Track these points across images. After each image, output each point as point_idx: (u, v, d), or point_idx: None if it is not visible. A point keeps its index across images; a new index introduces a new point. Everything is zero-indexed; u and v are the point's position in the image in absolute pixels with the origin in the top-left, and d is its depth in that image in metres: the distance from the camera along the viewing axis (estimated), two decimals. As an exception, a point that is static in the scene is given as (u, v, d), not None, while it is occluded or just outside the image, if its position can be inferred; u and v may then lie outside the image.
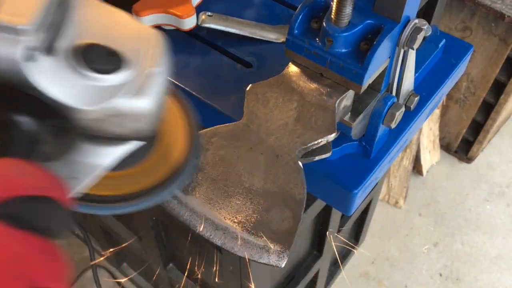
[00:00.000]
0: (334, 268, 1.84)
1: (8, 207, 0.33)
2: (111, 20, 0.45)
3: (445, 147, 2.32)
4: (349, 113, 0.70)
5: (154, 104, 0.44)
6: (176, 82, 0.81)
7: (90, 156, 0.45)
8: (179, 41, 0.88)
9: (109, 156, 0.47)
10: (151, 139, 0.50)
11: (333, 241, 1.44)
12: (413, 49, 0.65)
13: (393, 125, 0.70)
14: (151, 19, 0.85)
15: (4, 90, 0.38)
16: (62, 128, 0.41)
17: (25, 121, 0.39)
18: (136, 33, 0.45)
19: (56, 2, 0.41)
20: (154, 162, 0.54)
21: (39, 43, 0.39)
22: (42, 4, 0.39)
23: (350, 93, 0.67)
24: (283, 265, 0.57)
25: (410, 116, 0.78)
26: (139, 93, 0.43)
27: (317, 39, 0.64)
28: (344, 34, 0.61)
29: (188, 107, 0.58)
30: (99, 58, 0.42)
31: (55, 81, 0.40)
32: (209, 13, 0.87)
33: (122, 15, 0.46)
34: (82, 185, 0.46)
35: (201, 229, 0.58)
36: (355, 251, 1.94)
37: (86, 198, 0.48)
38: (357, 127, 0.70)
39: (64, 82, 0.40)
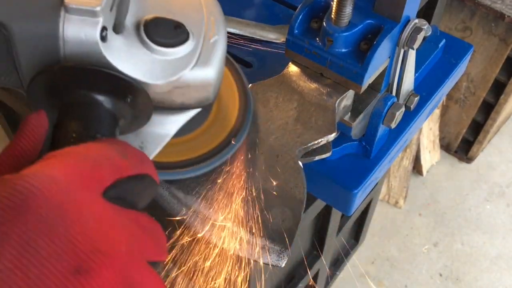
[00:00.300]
0: (334, 268, 1.84)
1: (117, 189, 0.34)
2: None
3: (445, 147, 2.32)
4: (349, 113, 0.70)
5: (218, 72, 0.45)
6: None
7: (155, 126, 0.47)
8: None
9: (173, 124, 0.48)
10: (211, 105, 0.51)
11: (333, 241, 1.44)
12: (413, 49, 0.65)
13: (393, 125, 0.70)
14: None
15: (85, 72, 0.39)
16: (137, 103, 0.42)
17: (106, 100, 0.40)
18: (196, 2, 0.46)
19: None
20: (211, 126, 0.56)
21: (110, 22, 0.40)
22: None
23: (350, 93, 0.67)
24: (283, 265, 0.57)
25: (410, 116, 0.78)
26: (204, 63, 0.44)
27: (317, 39, 0.64)
28: (344, 34, 0.61)
29: (235, 66, 0.59)
30: (165, 32, 0.42)
31: (126, 58, 0.41)
32: (209, 13, 0.87)
33: None
34: (150, 154, 0.47)
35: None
36: (355, 251, 1.94)
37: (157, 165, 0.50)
38: (357, 127, 0.70)
39: (134, 59, 0.41)
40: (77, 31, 0.38)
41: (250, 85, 0.68)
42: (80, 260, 0.28)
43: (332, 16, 0.61)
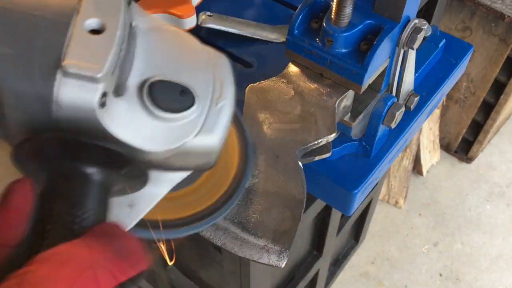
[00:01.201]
0: (334, 268, 1.84)
1: None
2: (177, 48, 0.42)
3: (445, 147, 2.32)
4: (349, 113, 0.70)
5: (222, 139, 0.42)
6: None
7: (147, 184, 0.43)
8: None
9: (167, 182, 0.44)
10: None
11: (333, 241, 1.44)
12: (413, 49, 0.65)
13: (393, 125, 0.70)
14: (151, 19, 0.85)
15: (77, 145, 0.36)
16: (133, 173, 0.39)
17: (99, 172, 0.37)
18: (204, 62, 0.42)
19: (124, 40, 0.38)
20: (208, 179, 0.53)
21: (111, 86, 0.36)
22: (114, 45, 0.36)
23: (350, 93, 0.67)
24: (283, 265, 0.57)
25: (410, 116, 0.78)
26: (209, 130, 0.40)
27: (317, 39, 0.64)
28: (344, 34, 0.61)
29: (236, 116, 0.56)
30: (170, 96, 0.39)
31: (125, 123, 0.37)
32: (209, 13, 0.87)
33: (188, 39, 0.43)
34: (140, 212, 0.44)
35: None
36: (355, 251, 1.94)
37: (146, 224, 0.46)
38: (357, 127, 0.70)
39: (134, 124, 0.38)
40: (73, 96, 0.34)
41: (250, 85, 0.68)
42: None
43: (332, 16, 0.61)
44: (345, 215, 1.48)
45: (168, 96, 0.38)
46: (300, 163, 0.63)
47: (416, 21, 0.63)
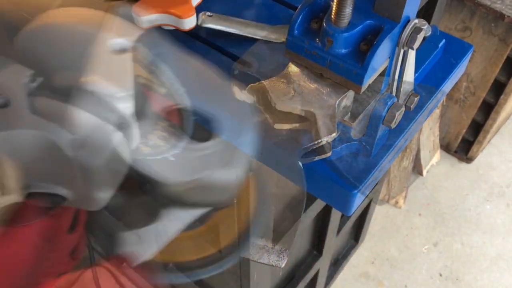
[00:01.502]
0: (334, 268, 1.84)
1: None
2: (202, 80, 0.41)
3: (445, 147, 2.32)
4: (349, 113, 0.70)
5: (242, 176, 0.41)
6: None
7: (160, 221, 0.42)
8: (179, 41, 0.88)
9: (180, 220, 0.43)
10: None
11: (333, 241, 1.44)
12: (413, 49, 0.65)
13: (393, 125, 0.70)
14: (151, 19, 0.85)
15: (91, 165, 0.34)
16: (148, 201, 0.38)
17: (111, 196, 0.36)
18: (228, 97, 0.42)
19: (146, 65, 0.37)
20: (222, 219, 0.51)
21: (131, 108, 0.35)
22: (135, 68, 0.35)
23: (350, 93, 0.67)
24: (283, 265, 0.57)
25: (410, 116, 0.78)
26: (229, 164, 0.39)
27: (317, 39, 0.64)
28: (344, 34, 0.61)
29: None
30: (193, 125, 0.37)
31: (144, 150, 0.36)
32: (209, 13, 0.87)
33: (211, 73, 0.42)
34: (151, 251, 0.43)
35: (201, 229, 0.58)
36: (355, 251, 1.94)
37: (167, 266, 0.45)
38: (357, 127, 0.70)
39: (154, 151, 0.36)
40: (91, 114, 0.33)
41: (250, 85, 0.68)
42: None
43: (332, 16, 0.61)
44: (345, 215, 1.48)
45: (192, 125, 0.37)
46: (300, 163, 0.63)
47: (416, 21, 0.63)
